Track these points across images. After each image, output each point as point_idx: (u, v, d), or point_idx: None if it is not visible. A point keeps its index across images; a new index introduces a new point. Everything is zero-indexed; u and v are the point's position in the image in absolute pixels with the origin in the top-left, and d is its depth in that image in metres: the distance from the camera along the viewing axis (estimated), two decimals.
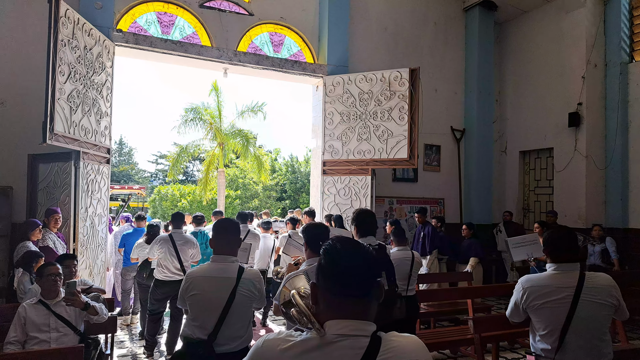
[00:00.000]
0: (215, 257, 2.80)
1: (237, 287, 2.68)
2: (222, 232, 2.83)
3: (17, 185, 5.97)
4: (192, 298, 2.69)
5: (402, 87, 7.20)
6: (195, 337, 2.63)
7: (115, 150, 49.02)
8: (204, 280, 2.71)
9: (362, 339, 1.19)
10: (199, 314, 2.68)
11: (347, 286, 1.23)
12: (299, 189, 28.25)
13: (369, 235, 3.69)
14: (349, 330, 1.20)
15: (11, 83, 6.11)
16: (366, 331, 1.20)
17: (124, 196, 19.33)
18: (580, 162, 8.10)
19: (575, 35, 8.28)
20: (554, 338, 2.45)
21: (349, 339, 1.19)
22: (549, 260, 2.63)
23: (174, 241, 5.33)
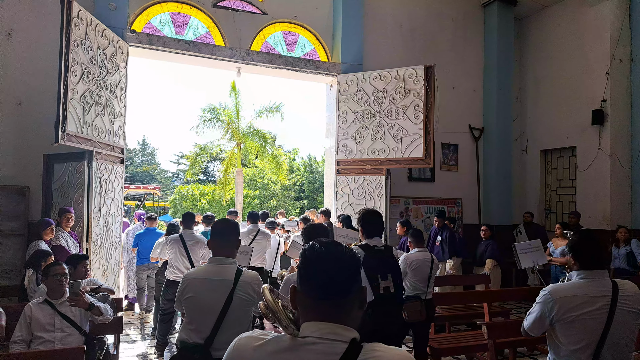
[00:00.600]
0: (213, 258, 2.71)
1: (234, 290, 2.57)
2: (219, 233, 2.75)
3: (33, 185, 6.04)
4: (188, 301, 2.61)
5: (417, 84, 7.05)
6: (192, 342, 2.55)
7: (138, 151, 49.81)
8: (200, 283, 2.62)
9: (338, 344, 1.11)
10: (195, 318, 2.59)
11: (320, 288, 1.17)
12: (317, 189, 28.20)
13: (375, 237, 3.59)
14: (323, 333, 1.13)
15: (28, 84, 6.20)
16: (343, 336, 1.13)
17: (140, 196, 19.59)
18: (604, 161, 7.82)
19: (599, 30, 8.00)
20: (588, 353, 2.26)
21: (323, 342, 1.12)
22: (576, 267, 2.44)
23: (185, 241, 5.32)
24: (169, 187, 41.22)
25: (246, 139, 19.75)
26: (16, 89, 6.16)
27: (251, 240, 6.24)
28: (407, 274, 4.33)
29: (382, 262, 3.46)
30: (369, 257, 3.42)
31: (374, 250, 3.47)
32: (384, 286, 3.38)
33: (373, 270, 3.38)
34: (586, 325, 2.27)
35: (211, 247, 2.75)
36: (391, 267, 3.51)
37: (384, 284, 3.38)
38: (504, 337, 4.03)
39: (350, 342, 1.12)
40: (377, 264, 3.42)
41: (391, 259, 3.57)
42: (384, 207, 7.17)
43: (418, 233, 4.65)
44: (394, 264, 3.57)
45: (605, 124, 7.83)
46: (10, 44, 6.17)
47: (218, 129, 19.32)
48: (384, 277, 3.40)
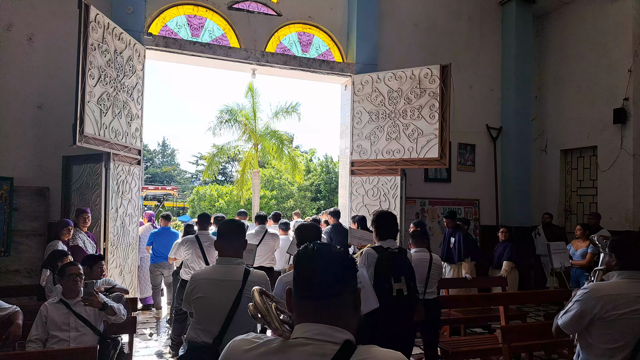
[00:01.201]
0: (220, 259, 2.73)
1: (242, 290, 2.58)
2: (226, 234, 2.76)
3: (53, 186, 6.17)
4: (196, 301, 2.63)
5: (433, 84, 6.98)
6: (200, 341, 2.56)
7: (158, 152, 50.50)
8: (208, 283, 2.64)
9: (328, 345, 1.11)
10: (204, 318, 2.61)
11: (310, 288, 1.18)
12: (333, 189, 28.18)
13: (388, 239, 3.58)
14: (313, 334, 1.13)
15: (49, 87, 6.34)
16: (335, 337, 1.12)
17: (159, 196, 19.85)
18: (626, 161, 7.62)
19: (622, 26, 7.81)
20: (626, 352, 2.28)
21: (313, 343, 1.12)
22: (617, 267, 2.45)
23: (201, 242, 5.35)
24: (188, 187, 41.69)
25: (263, 140, 19.83)
26: (37, 93, 6.30)
27: (259, 240, 6.32)
28: None
29: (395, 264, 3.46)
30: (382, 259, 3.44)
31: (387, 252, 3.48)
32: (396, 288, 3.39)
33: (386, 272, 3.40)
34: (627, 324, 2.29)
35: (218, 248, 2.77)
36: (405, 270, 3.50)
37: (397, 286, 3.40)
38: (519, 340, 3.96)
39: (343, 343, 1.11)
40: (390, 266, 3.43)
41: (405, 261, 3.55)
42: (399, 208, 7.12)
43: (419, 233, 4.63)
44: (407, 266, 3.55)
45: (627, 122, 7.64)
46: (31, 48, 6.31)
47: (235, 130, 19.45)
48: (397, 279, 3.41)
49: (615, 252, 2.45)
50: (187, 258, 5.39)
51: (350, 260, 1.23)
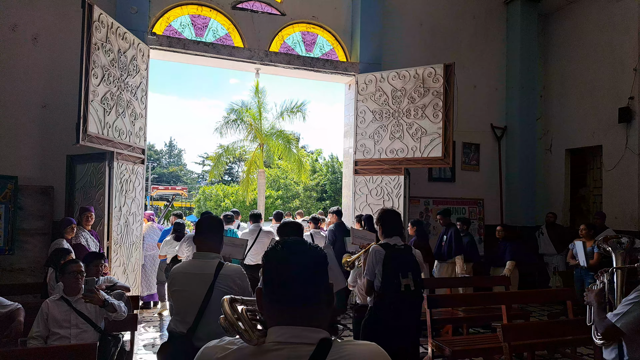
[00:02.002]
0: (196, 254, 2.84)
1: (214, 283, 2.68)
2: (203, 230, 2.87)
3: (57, 185, 6.21)
4: (174, 293, 2.78)
5: (437, 83, 6.96)
6: (177, 331, 2.69)
7: (165, 152, 50.76)
8: (183, 277, 2.76)
9: (302, 347, 1.09)
10: (180, 309, 2.74)
11: (282, 293, 1.14)
12: (339, 189, 28.10)
13: (394, 236, 3.66)
14: (288, 337, 1.10)
15: (53, 86, 6.38)
16: (310, 338, 1.10)
17: (167, 196, 19.95)
18: (632, 160, 7.55)
19: (627, 25, 7.74)
20: None
21: (287, 347, 1.09)
22: None
23: None
24: (194, 187, 41.86)
25: (269, 140, 19.85)
26: (41, 92, 6.35)
27: (254, 239, 6.41)
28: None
29: (402, 260, 3.57)
30: (390, 255, 3.54)
31: (394, 249, 3.59)
32: (404, 284, 3.49)
33: (394, 268, 3.50)
34: None
35: (196, 243, 2.88)
36: (411, 266, 3.59)
37: (405, 282, 3.50)
38: (520, 339, 3.93)
39: (318, 343, 1.09)
40: (398, 262, 3.54)
41: (411, 258, 3.65)
42: (403, 208, 7.10)
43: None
44: (414, 263, 3.64)
45: (632, 122, 7.57)
46: (36, 48, 6.36)
47: (241, 130, 19.49)
48: (404, 275, 3.51)
49: None
50: (189, 254, 5.48)
51: (323, 256, 1.20)
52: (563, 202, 9.06)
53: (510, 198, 8.95)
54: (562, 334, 4.42)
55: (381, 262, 3.53)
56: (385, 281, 3.50)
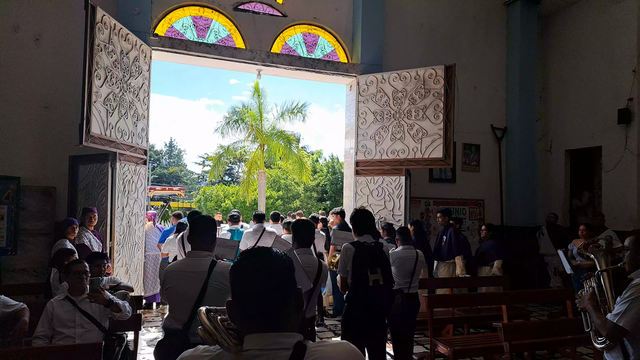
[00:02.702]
0: (190, 252, 2.93)
1: (208, 280, 2.77)
2: (197, 229, 2.95)
3: (60, 186, 6.24)
4: (168, 291, 2.85)
5: (437, 84, 7.00)
6: (172, 328, 2.77)
7: (165, 152, 50.75)
8: (177, 275, 2.85)
9: (281, 352, 1.13)
10: (175, 306, 2.83)
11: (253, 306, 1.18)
12: (339, 190, 28.19)
13: (365, 234, 3.88)
14: (265, 344, 1.14)
15: (55, 87, 6.40)
16: (285, 344, 1.15)
17: (165, 197, 19.98)
18: (631, 161, 7.59)
19: (625, 27, 7.78)
20: None
21: (266, 353, 1.13)
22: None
23: (184, 242, 5.48)
24: (194, 188, 41.86)
25: (269, 140, 19.86)
26: (44, 93, 6.37)
27: (257, 239, 6.46)
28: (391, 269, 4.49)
29: (371, 256, 3.76)
30: (359, 252, 3.76)
31: (364, 247, 3.79)
32: (373, 279, 3.68)
33: (362, 265, 3.70)
34: None
35: (190, 241, 2.96)
36: (381, 262, 3.78)
37: (373, 277, 3.69)
38: (521, 338, 3.97)
39: (294, 347, 1.14)
40: (367, 259, 3.73)
41: (381, 254, 3.83)
42: (404, 208, 7.13)
43: (404, 231, 4.89)
44: (384, 259, 3.83)
45: (631, 123, 7.61)
46: (38, 49, 6.38)
47: (242, 130, 19.50)
48: (373, 270, 3.71)
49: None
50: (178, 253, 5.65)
51: (289, 264, 1.23)
52: (563, 203, 9.09)
53: (511, 198, 8.99)
54: (562, 334, 4.45)
55: (351, 259, 3.74)
56: (355, 277, 3.70)
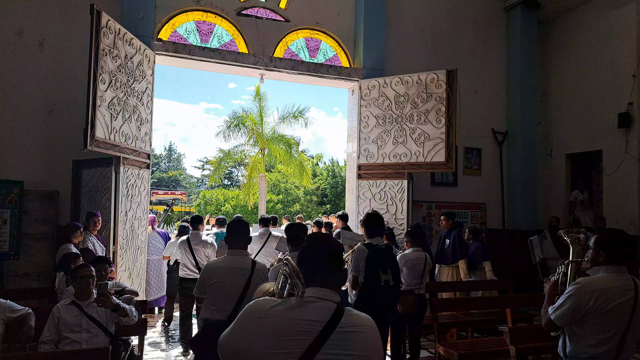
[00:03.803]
0: (231, 251, 3.30)
1: (251, 276, 3.18)
2: (236, 231, 3.36)
3: (63, 190, 6.24)
4: (213, 286, 3.17)
5: (439, 89, 7.02)
6: (215, 319, 3.08)
7: (164, 157, 50.71)
8: (224, 271, 3.21)
9: (329, 303, 1.59)
10: (219, 299, 3.15)
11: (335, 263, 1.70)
12: (339, 193, 28.23)
13: (376, 236, 4.12)
14: (320, 295, 1.61)
15: (59, 92, 6.42)
16: (334, 298, 1.62)
17: (167, 201, 19.97)
18: (631, 165, 7.62)
19: (625, 32, 7.83)
20: (613, 342, 2.49)
21: (320, 301, 1.59)
22: (605, 262, 2.61)
23: (190, 242, 5.78)
24: (194, 192, 41.82)
25: (270, 144, 19.88)
26: (48, 97, 6.38)
27: (264, 242, 6.55)
28: (402, 271, 4.74)
29: (382, 258, 4.01)
30: (372, 253, 3.98)
31: (376, 248, 4.02)
32: (384, 279, 3.93)
33: (375, 265, 3.94)
34: (616, 315, 2.48)
35: (228, 242, 3.36)
36: (391, 263, 4.04)
37: (384, 277, 3.93)
38: (527, 342, 3.98)
39: (338, 303, 1.60)
40: (379, 260, 3.97)
41: (391, 256, 4.09)
42: (406, 212, 7.14)
43: (413, 234, 5.07)
44: (393, 260, 4.10)
45: (632, 127, 7.65)
46: (42, 54, 6.40)
47: (242, 134, 19.51)
48: (384, 271, 3.96)
49: (601, 247, 2.62)
50: (179, 257, 5.88)
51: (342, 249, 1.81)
52: (564, 206, 9.11)
53: (512, 202, 9.01)
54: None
55: (364, 259, 3.97)
56: (367, 276, 3.95)
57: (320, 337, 1.51)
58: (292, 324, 1.52)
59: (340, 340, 1.52)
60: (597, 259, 2.65)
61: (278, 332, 1.51)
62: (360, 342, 1.55)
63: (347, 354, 1.52)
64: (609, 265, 2.58)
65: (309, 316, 1.54)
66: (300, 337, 1.50)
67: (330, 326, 1.52)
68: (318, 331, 1.51)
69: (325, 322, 1.52)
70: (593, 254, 2.67)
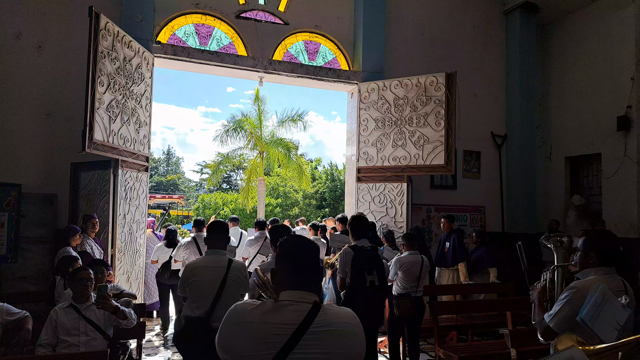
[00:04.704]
0: (209, 251, 3.45)
1: (227, 274, 3.30)
2: (214, 232, 3.49)
3: (61, 193, 6.21)
4: (192, 284, 3.29)
5: (438, 92, 7.02)
6: (195, 316, 3.20)
7: (163, 160, 50.67)
8: (201, 269, 3.34)
9: (304, 305, 1.63)
10: (198, 296, 3.27)
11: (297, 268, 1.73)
12: (338, 197, 28.19)
13: (362, 238, 4.20)
14: (295, 297, 1.66)
15: (57, 95, 6.39)
16: (308, 299, 1.65)
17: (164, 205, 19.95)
18: (630, 168, 7.62)
19: (624, 35, 7.84)
20: None
21: (295, 304, 1.64)
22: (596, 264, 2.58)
23: (198, 243, 5.98)
24: (192, 195, 41.78)
25: (269, 147, 19.86)
26: (45, 100, 6.36)
27: (260, 245, 6.60)
28: (398, 274, 4.82)
29: (368, 259, 4.09)
30: (358, 255, 4.07)
31: (361, 250, 4.12)
32: (369, 280, 4.01)
33: (361, 266, 4.03)
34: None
35: (207, 242, 3.50)
36: (376, 264, 4.12)
37: (370, 278, 4.02)
38: (528, 345, 3.95)
39: (313, 303, 1.64)
40: (364, 262, 4.06)
41: (377, 257, 4.17)
42: (405, 215, 7.13)
43: (410, 236, 5.08)
44: (379, 262, 4.17)
45: (631, 130, 7.64)
46: (40, 57, 6.39)
47: (241, 138, 19.51)
48: (369, 272, 4.04)
49: (593, 250, 2.59)
50: (186, 257, 5.97)
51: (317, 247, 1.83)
52: (563, 210, 9.10)
53: (511, 205, 9.00)
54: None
55: (350, 261, 4.06)
56: (354, 277, 4.05)
57: (292, 339, 1.56)
58: (267, 327, 1.59)
59: (314, 340, 1.56)
60: (587, 261, 2.61)
61: (254, 336, 1.58)
62: (335, 339, 1.59)
63: (321, 353, 1.56)
64: (599, 267, 2.55)
65: (282, 319, 1.59)
66: (274, 340, 1.56)
67: (303, 327, 1.57)
68: (290, 333, 1.56)
69: (298, 324, 1.57)
70: (582, 256, 2.63)
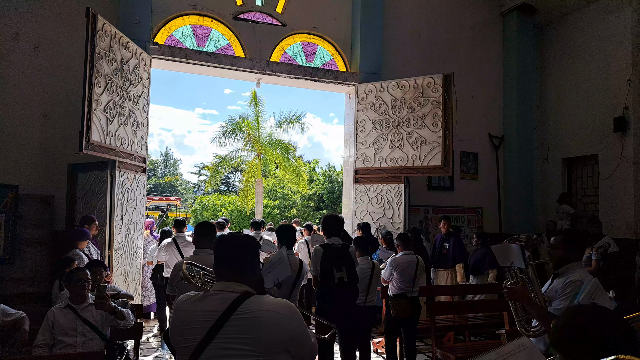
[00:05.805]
0: (197, 250, 3.51)
1: None
2: (201, 232, 3.57)
3: (58, 194, 6.19)
4: (180, 283, 3.23)
5: (436, 93, 7.04)
6: None
7: (160, 162, 50.58)
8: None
9: (231, 294, 1.74)
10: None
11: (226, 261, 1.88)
12: (336, 199, 28.18)
13: (333, 236, 4.33)
14: (222, 287, 1.80)
15: (54, 96, 6.39)
16: (235, 289, 1.76)
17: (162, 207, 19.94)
18: (627, 169, 7.64)
19: (620, 36, 7.87)
20: None
21: (221, 293, 1.77)
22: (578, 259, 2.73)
23: (177, 244, 6.01)
24: (190, 197, 41.71)
25: (267, 149, 19.86)
26: (43, 101, 6.36)
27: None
28: (393, 275, 4.86)
29: (337, 257, 4.19)
30: (326, 253, 4.20)
31: (331, 248, 4.25)
32: (337, 276, 4.11)
33: (329, 263, 4.15)
34: None
35: (195, 242, 3.60)
36: (346, 261, 4.21)
37: (338, 274, 4.12)
38: None
39: (242, 292, 1.74)
40: (333, 259, 4.17)
41: (347, 255, 4.26)
42: (403, 216, 7.14)
43: (404, 237, 5.13)
44: (349, 259, 4.26)
45: (627, 131, 7.67)
46: (38, 58, 6.39)
47: (239, 139, 19.51)
48: (338, 269, 4.14)
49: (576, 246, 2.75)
50: (166, 258, 6.07)
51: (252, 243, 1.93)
52: (555, 215, 9.10)
53: (509, 206, 9.01)
54: None
55: (320, 259, 4.18)
56: (323, 274, 4.16)
57: (215, 326, 1.68)
58: (194, 315, 1.74)
59: (235, 327, 1.67)
60: (568, 256, 2.69)
61: (184, 323, 1.76)
62: (256, 326, 1.67)
63: (243, 338, 1.66)
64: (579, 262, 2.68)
65: (207, 307, 1.73)
66: (199, 327, 1.70)
67: (226, 315, 1.68)
68: (214, 320, 1.68)
69: (222, 312, 1.69)
70: (563, 252, 2.70)
